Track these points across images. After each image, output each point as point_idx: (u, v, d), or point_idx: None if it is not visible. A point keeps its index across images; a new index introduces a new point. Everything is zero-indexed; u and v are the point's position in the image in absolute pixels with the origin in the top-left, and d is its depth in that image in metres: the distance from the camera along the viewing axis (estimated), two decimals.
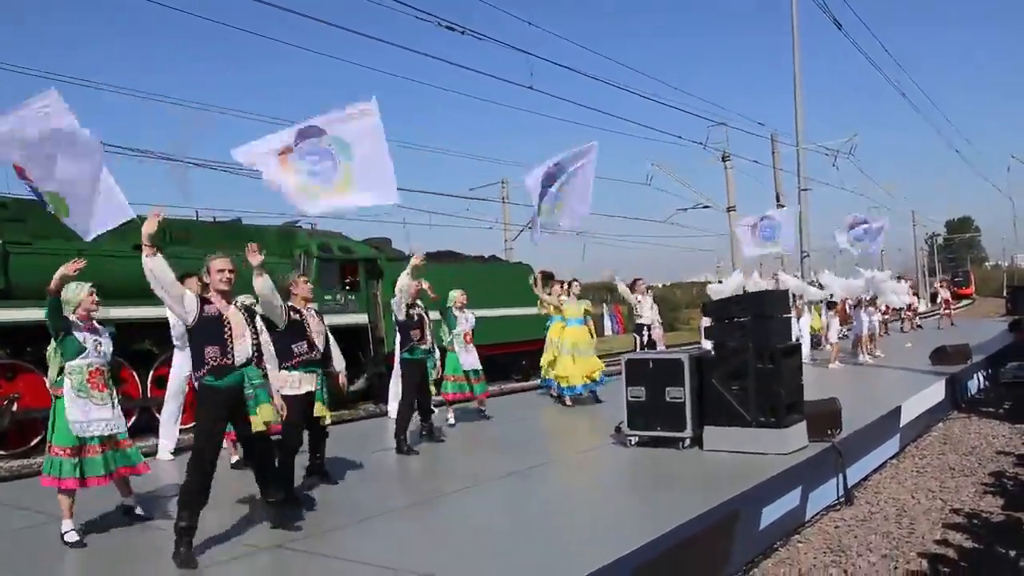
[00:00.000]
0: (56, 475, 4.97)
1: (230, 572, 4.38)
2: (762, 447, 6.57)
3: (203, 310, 4.61)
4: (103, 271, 11.21)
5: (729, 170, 27.92)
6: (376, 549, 4.61)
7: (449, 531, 5.10)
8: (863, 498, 7.15)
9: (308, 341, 5.93)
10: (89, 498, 5.39)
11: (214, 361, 4.57)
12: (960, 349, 13.98)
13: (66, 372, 5.07)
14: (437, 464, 7.43)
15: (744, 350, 6.83)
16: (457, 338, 9.17)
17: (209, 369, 4.57)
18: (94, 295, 5.33)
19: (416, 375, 7.96)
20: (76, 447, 4.99)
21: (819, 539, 6.06)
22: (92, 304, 5.31)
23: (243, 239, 15.42)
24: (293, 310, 5.88)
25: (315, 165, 6.40)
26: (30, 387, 10.57)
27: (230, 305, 4.76)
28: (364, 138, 6.43)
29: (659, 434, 7.20)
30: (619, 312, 16.13)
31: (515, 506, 5.65)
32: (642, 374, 7.32)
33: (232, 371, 4.62)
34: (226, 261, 4.76)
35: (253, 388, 4.72)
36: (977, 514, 6.66)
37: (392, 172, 6.54)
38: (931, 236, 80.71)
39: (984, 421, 11.03)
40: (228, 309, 4.72)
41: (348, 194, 6.51)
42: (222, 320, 4.64)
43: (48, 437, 5.09)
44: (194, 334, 4.63)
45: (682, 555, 4.62)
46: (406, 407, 7.89)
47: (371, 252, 15.74)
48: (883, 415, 8.58)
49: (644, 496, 6.00)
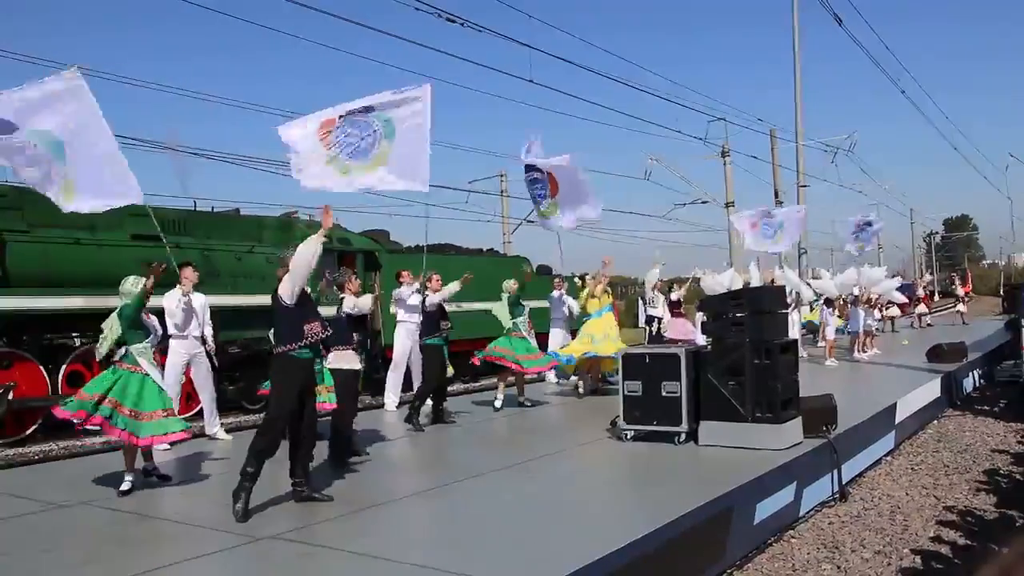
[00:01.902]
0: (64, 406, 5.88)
1: (227, 562, 4.38)
2: (757, 442, 6.58)
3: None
4: (102, 260, 11.25)
5: (728, 166, 27.93)
6: (371, 540, 4.61)
7: (444, 523, 5.12)
8: (857, 494, 7.17)
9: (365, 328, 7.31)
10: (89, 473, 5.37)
11: (313, 336, 5.27)
12: (956, 347, 14.02)
13: (136, 353, 5.98)
14: (433, 456, 7.44)
15: (741, 345, 6.85)
16: (523, 324, 9.79)
17: (306, 344, 5.23)
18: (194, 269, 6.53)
19: (437, 359, 8.72)
20: (101, 393, 5.84)
21: (813, 535, 6.08)
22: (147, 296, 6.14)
23: (241, 229, 15.47)
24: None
25: (355, 140, 6.47)
26: (26, 376, 10.55)
27: None
28: (408, 121, 6.53)
29: (655, 428, 7.22)
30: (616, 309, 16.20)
31: (510, 499, 5.66)
32: (639, 368, 7.33)
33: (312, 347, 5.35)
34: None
35: (321, 366, 5.48)
36: (971, 511, 6.69)
37: (427, 162, 6.58)
38: (929, 234, 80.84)
39: (979, 419, 11.06)
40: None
41: (379, 173, 6.56)
42: (311, 302, 5.39)
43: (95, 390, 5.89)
44: (291, 310, 5.24)
45: (676, 549, 4.64)
46: (427, 387, 8.78)
47: (370, 244, 15.72)
48: (878, 412, 8.60)
49: (639, 490, 6.02)
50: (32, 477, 7.15)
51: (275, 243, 13.02)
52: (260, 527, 4.88)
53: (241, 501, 5.03)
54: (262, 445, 5.17)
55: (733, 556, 5.36)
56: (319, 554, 4.42)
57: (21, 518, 5.43)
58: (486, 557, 4.27)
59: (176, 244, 12.23)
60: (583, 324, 10.90)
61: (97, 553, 4.58)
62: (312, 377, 5.46)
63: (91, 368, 11.21)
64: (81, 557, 4.51)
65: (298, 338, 5.22)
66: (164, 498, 5.89)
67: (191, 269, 7.79)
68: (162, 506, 5.65)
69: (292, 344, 5.21)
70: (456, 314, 14.78)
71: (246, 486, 5.07)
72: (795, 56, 20.98)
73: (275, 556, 4.43)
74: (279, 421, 5.27)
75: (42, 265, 10.71)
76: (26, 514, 5.51)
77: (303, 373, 5.30)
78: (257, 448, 5.16)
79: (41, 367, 10.74)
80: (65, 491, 6.08)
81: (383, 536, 4.75)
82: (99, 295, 10.95)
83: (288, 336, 5.24)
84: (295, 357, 5.23)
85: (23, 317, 10.58)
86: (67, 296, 10.72)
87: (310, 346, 5.30)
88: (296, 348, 5.21)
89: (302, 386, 5.30)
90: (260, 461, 5.15)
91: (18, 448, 10.20)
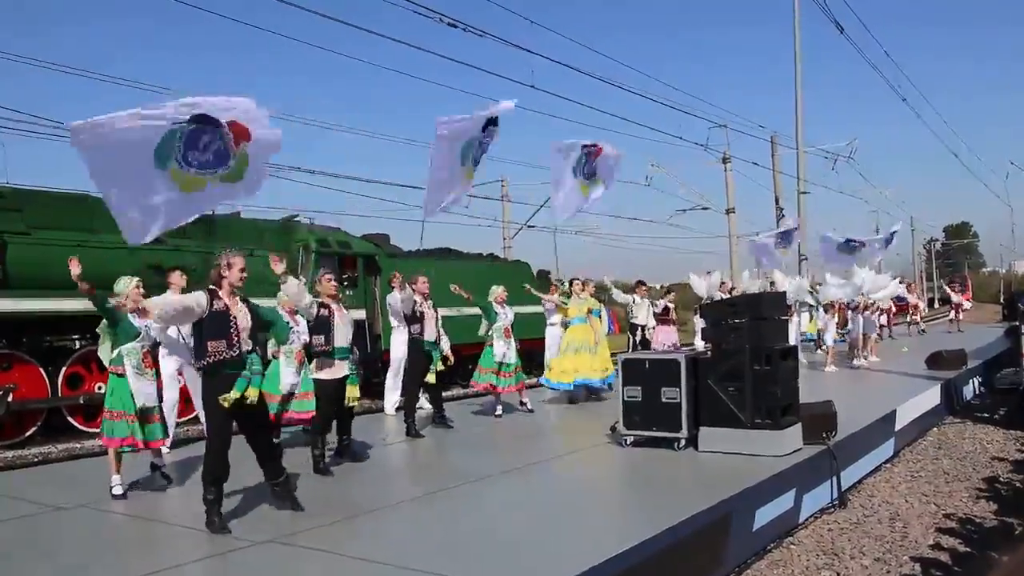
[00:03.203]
0: (110, 435, 5.80)
1: (225, 567, 4.38)
2: (757, 449, 6.58)
3: (212, 305, 4.92)
4: (102, 263, 11.25)
5: (729, 172, 27.96)
6: (368, 544, 4.61)
7: (443, 528, 5.10)
8: (857, 501, 7.16)
9: (335, 333, 6.56)
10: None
11: (219, 355, 4.87)
12: (956, 354, 14.00)
13: (124, 353, 5.90)
14: (431, 461, 7.44)
15: (740, 351, 6.84)
16: (497, 332, 9.53)
17: (214, 362, 4.88)
18: (140, 287, 6.06)
19: (422, 359, 8.55)
20: (133, 413, 5.83)
21: (812, 541, 6.07)
22: (138, 295, 6.01)
23: (242, 233, 15.45)
24: (322, 305, 6.55)
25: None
26: (26, 377, 10.56)
27: (237, 301, 5.08)
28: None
29: (655, 434, 7.21)
30: (615, 314, 16.17)
31: (508, 504, 5.65)
32: (638, 374, 7.32)
33: (235, 363, 4.94)
34: (243, 260, 5.12)
35: (252, 373, 4.98)
36: (970, 519, 6.67)
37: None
38: (929, 241, 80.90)
39: (979, 426, 11.04)
40: (236, 305, 5.04)
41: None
42: (229, 315, 4.97)
43: (106, 404, 5.90)
44: (204, 327, 4.92)
45: (676, 555, 4.63)
46: (413, 389, 8.66)
47: (370, 248, 15.73)
48: (878, 419, 8.59)
49: (638, 496, 6.01)
50: (31, 479, 7.15)
51: (275, 247, 13.03)
52: (257, 531, 4.87)
53: (216, 524, 4.88)
54: (213, 466, 4.96)
55: (732, 562, 5.35)
56: (316, 558, 4.41)
57: (20, 520, 5.43)
58: (484, 562, 4.27)
59: (176, 247, 12.26)
60: (568, 329, 10.90)
61: (95, 555, 4.58)
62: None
63: (90, 370, 11.23)
64: (80, 559, 4.51)
65: (201, 356, 4.93)
66: (162, 501, 5.89)
67: (179, 274, 7.72)
68: (160, 509, 5.65)
69: (200, 361, 4.97)
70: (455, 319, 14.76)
71: (214, 509, 4.92)
72: (796, 63, 21.03)
73: (272, 560, 4.43)
74: (213, 440, 5.00)
75: (42, 267, 10.71)
76: (25, 516, 5.51)
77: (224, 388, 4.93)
78: (209, 472, 4.97)
79: (41, 369, 10.74)
80: (64, 493, 6.08)
81: (380, 540, 4.74)
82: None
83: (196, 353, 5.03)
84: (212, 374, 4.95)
85: (23, 319, 10.58)
86: (67, 298, 10.72)
87: (218, 364, 4.91)
88: (206, 365, 4.93)
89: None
90: (213, 485, 4.95)
91: (17, 450, 10.19)
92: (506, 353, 9.51)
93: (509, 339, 9.59)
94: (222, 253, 5.09)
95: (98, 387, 11.27)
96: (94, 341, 11.58)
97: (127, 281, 6.06)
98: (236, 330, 4.96)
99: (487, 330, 9.57)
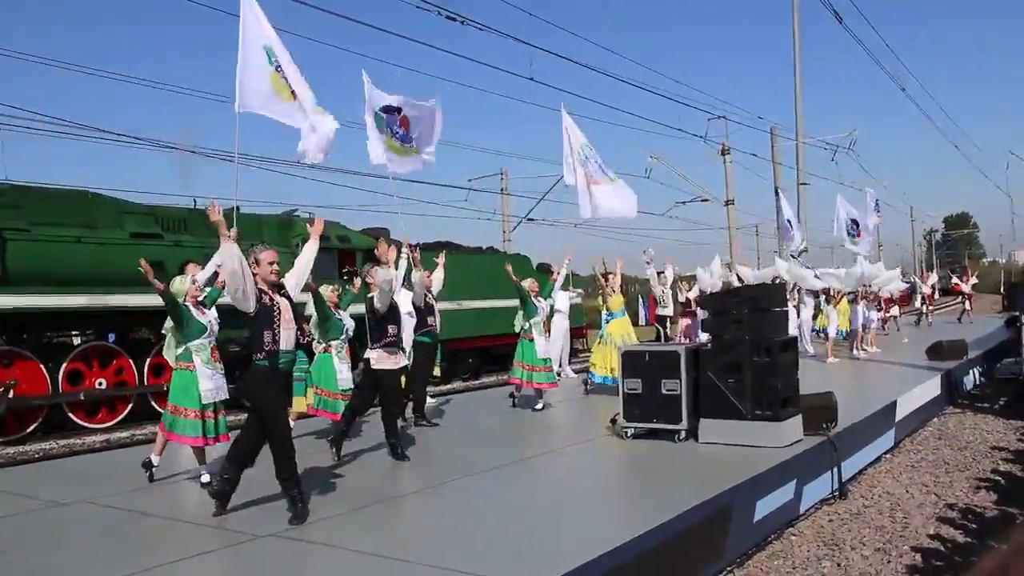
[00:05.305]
0: (182, 433, 5.90)
1: (228, 559, 4.39)
2: (757, 440, 6.58)
3: (260, 298, 4.95)
4: (102, 259, 11.26)
5: (728, 164, 27.90)
6: (371, 538, 4.62)
7: (443, 521, 5.11)
8: (857, 492, 7.17)
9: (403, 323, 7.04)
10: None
11: (268, 346, 4.92)
12: (956, 345, 14.00)
13: (193, 349, 5.94)
14: (432, 454, 7.44)
15: (740, 343, 6.84)
16: (536, 327, 9.43)
17: (268, 352, 4.93)
18: (198, 284, 6.14)
19: (426, 358, 8.63)
20: (199, 410, 5.90)
21: (813, 532, 6.08)
22: (196, 291, 6.10)
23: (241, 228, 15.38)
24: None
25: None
26: (27, 374, 10.56)
27: (276, 294, 5.08)
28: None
29: (655, 426, 7.22)
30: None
31: (510, 496, 5.67)
32: (639, 366, 7.33)
33: (285, 356, 5.07)
34: (274, 254, 5.13)
35: (302, 372, 4.97)
36: (971, 509, 6.68)
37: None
38: (929, 232, 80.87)
39: (979, 416, 11.05)
40: (277, 298, 5.06)
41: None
42: (274, 308, 5.01)
43: (171, 400, 5.97)
44: (256, 320, 4.94)
45: (677, 547, 4.64)
46: (421, 387, 8.73)
47: (369, 242, 15.72)
48: (878, 410, 8.60)
49: (639, 487, 6.02)
50: (32, 475, 7.17)
51: (275, 242, 13.02)
52: (261, 525, 4.88)
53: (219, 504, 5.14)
54: (240, 451, 5.18)
55: (733, 553, 5.36)
56: (318, 552, 4.42)
57: (21, 516, 5.44)
58: (486, 554, 4.27)
59: (176, 242, 12.27)
60: (607, 324, 10.75)
61: (98, 551, 4.59)
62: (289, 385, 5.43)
63: (90, 366, 11.24)
64: (81, 555, 4.52)
65: (256, 349, 4.98)
66: (165, 496, 5.90)
67: (194, 264, 7.78)
68: (163, 504, 5.65)
69: (256, 354, 4.99)
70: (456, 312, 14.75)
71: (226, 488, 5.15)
72: (795, 54, 20.99)
73: (275, 554, 4.44)
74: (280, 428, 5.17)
75: (42, 263, 10.72)
76: (27, 512, 5.53)
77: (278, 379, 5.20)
78: (234, 455, 5.19)
79: (41, 365, 10.75)
80: (65, 489, 6.09)
81: (383, 534, 4.76)
82: (99, 294, 10.98)
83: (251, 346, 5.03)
84: (261, 366, 5.00)
85: (23, 315, 10.59)
86: (67, 294, 10.74)
87: (268, 356, 4.99)
88: (260, 358, 4.97)
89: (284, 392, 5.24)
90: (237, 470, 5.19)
91: (19, 446, 10.21)
92: (547, 349, 9.52)
93: (546, 332, 9.67)
94: (250, 250, 5.10)
95: (99, 383, 11.30)
96: (95, 337, 11.71)
97: (183, 279, 6.17)
98: (280, 323, 5.02)
99: (527, 322, 9.44)
